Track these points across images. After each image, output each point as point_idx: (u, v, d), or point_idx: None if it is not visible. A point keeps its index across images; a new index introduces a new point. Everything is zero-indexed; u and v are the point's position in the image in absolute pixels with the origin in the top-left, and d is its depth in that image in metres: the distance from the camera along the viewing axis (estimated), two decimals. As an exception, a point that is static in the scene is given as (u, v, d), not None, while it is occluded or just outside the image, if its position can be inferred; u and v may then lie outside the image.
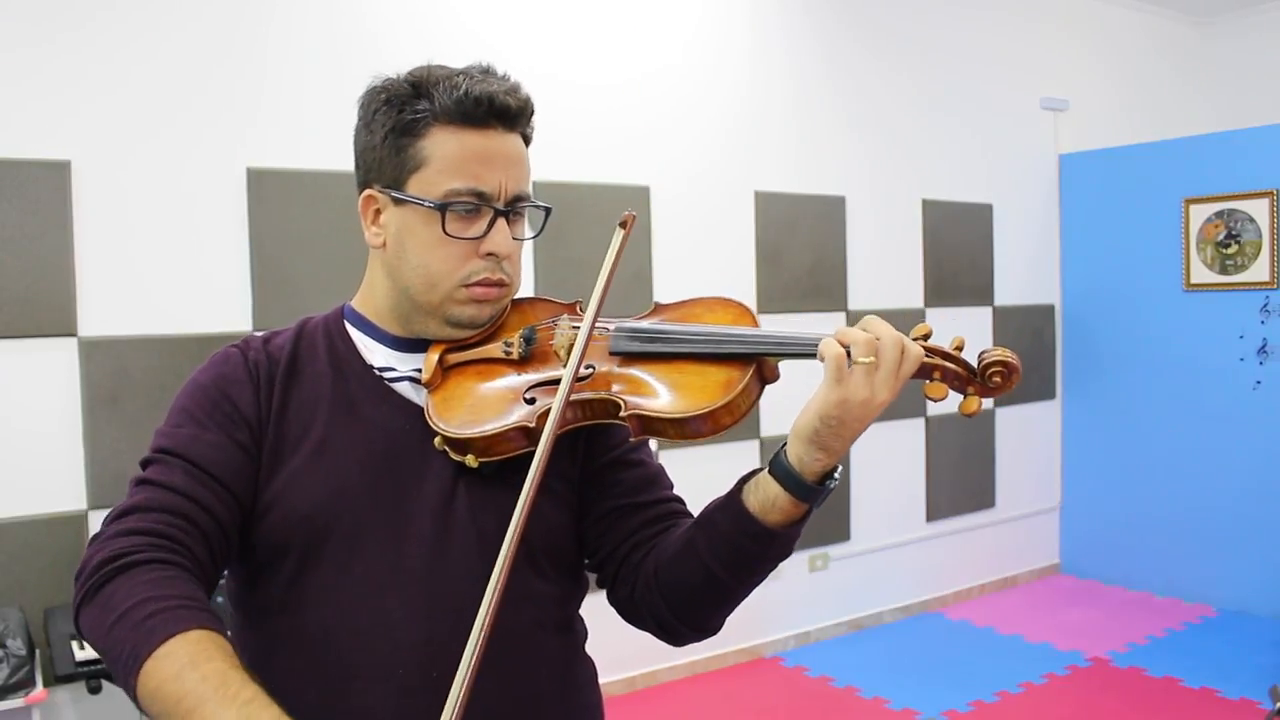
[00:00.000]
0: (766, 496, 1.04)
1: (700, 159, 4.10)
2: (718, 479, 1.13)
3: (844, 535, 4.59)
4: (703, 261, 4.06)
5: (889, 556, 4.75)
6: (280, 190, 3.18)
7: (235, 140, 3.12)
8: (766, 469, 1.05)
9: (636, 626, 1.20)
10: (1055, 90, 5.34)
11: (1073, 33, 5.44)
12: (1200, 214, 4.83)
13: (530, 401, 1.10)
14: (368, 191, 1.15)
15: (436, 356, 1.15)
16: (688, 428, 1.04)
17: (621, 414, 1.06)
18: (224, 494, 1.06)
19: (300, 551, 1.08)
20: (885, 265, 4.66)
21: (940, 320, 4.73)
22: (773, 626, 4.38)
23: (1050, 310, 5.40)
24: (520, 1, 3.66)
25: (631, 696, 3.91)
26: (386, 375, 1.17)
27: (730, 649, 4.23)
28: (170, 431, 1.10)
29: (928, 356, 1.01)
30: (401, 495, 1.10)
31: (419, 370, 1.15)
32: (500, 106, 1.10)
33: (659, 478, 1.22)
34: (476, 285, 1.13)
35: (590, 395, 1.08)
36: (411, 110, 1.10)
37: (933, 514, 4.92)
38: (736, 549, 1.06)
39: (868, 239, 4.59)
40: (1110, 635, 4.48)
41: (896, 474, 4.77)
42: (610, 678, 3.75)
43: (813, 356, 1.01)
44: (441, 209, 1.09)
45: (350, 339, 1.19)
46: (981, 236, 5.05)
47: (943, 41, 4.86)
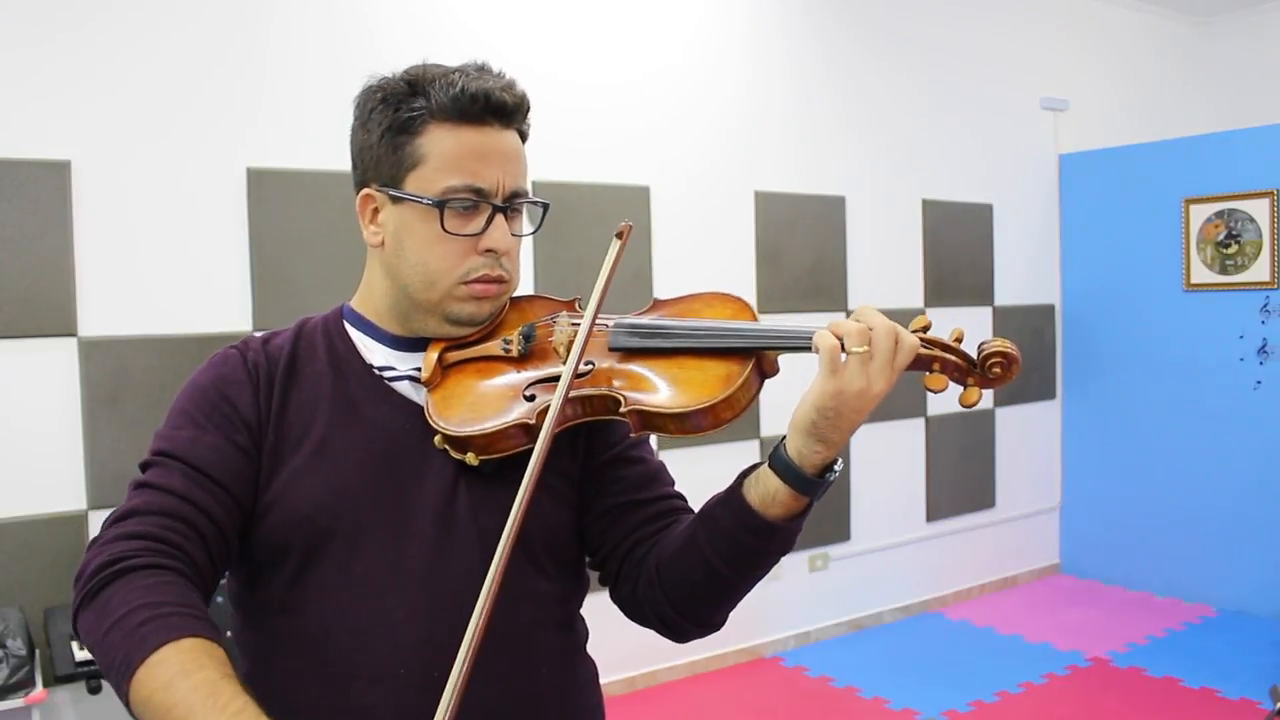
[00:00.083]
0: (767, 490, 1.04)
1: (700, 159, 4.10)
2: (717, 479, 1.12)
3: (844, 535, 4.59)
4: (703, 261, 4.06)
5: (889, 556, 4.75)
6: (280, 190, 3.18)
7: (235, 140, 3.12)
8: (766, 463, 1.05)
9: (639, 624, 1.20)
10: (1055, 90, 5.34)
11: (1073, 33, 5.44)
12: (1200, 214, 4.83)
13: (530, 398, 1.10)
14: (365, 190, 1.15)
15: (436, 355, 1.15)
16: (688, 422, 1.04)
17: (621, 410, 1.06)
18: (223, 496, 1.06)
19: (301, 552, 1.08)
20: (885, 265, 4.66)
21: (940, 320, 4.56)
22: (773, 626, 4.38)
23: (1050, 310, 5.40)
24: (521, 2, 3.66)
25: (631, 696, 3.91)
26: (386, 375, 1.16)
27: (730, 649, 4.23)
28: (169, 434, 1.10)
29: (926, 348, 1.01)
30: (402, 495, 1.10)
31: (419, 369, 1.15)
32: (496, 103, 1.10)
33: (660, 474, 1.22)
34: (476, 282, 1.12)
35: (590, 391, 1.08)
36: (408, 108, 1.10)
37: (933, 514, 4.92)
38: (738, 544, 1.06)
39: (868, 239, 4.59)
40: (1110, 635, 4.47)
41: (896, 474, 4.77)
42: (610, 678, 3.75)
43: (808, 349, 1.01)
44: (440, 206, 1.09)
45: (349, 339, 1.19)
46: (981, 236, 5.05)
47: (943, 41, 4.86)
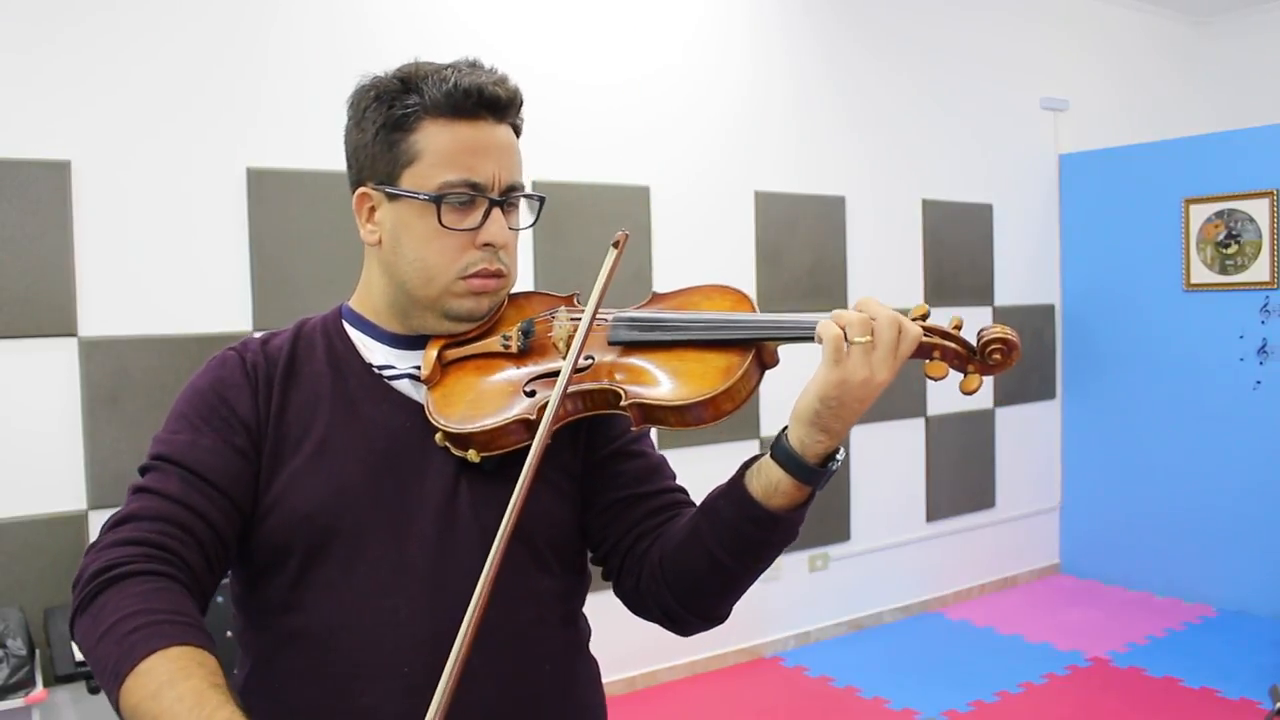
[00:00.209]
0: (769, 481, 1.04)
1: (700, 159, 4.10)
2: (717, 477, 1.12)
3: (844, 535, 4.59)
4: (703, 261, 4.06)
5: (889, 556, 4.75)
6: (280, 190, 3.18)
7: (235, 140, 3.12)
8: (768, 454, 1.05)
9: (643, 617, 1.19)
10: (1055, 90, 5.34)
11: (1073, 33, 5.44)
12: (1200, 214, 4.83)
13: (530, 394, 1.10)
14: (361, 189, 1.15)
15: (435, 352, 1.15)
16: (689, 415, 1.04)
17: (622, 403, 1.06)
18: (221, 500, 1.06)
19: (303, 552, 1.08)
20: (885, 265, 4.66)
21: (940, 320, 4.71)
22: (773, 626, 4.38)
23: (1050, 310, 5.40)
24: (521, 2, 3.67)
25: (631, 696, 3.90)
26: (386, 373, 1.16)
27: (730, 649, 4.22)
28: (167, 438, 1.10)
29: (926, 336, 1.02)
30: (403, 493, 1.10)
31: (418, 367, 1.15)
32: (490, 97, 1.11)
33: (661, 468, 1.23)
34: (474, 277, 1.13)
35: (590, 386, 1.08)
36: (401, 105, 1.10)
37: (933, 514, 4.92)
38: (741, 534, 1.06)
39: (868, 239, 4.59)
40: (1110, 635, 4.47)
41: (896, 474, 4.77)
42: (610, 678, 3.71)
43: (810, 339, 1.01)
44: (436, 201, 1.10)
45: (349, 338, 1.19)
46: (981, 236, 5.05)
47: (943, 41, 4.86)
